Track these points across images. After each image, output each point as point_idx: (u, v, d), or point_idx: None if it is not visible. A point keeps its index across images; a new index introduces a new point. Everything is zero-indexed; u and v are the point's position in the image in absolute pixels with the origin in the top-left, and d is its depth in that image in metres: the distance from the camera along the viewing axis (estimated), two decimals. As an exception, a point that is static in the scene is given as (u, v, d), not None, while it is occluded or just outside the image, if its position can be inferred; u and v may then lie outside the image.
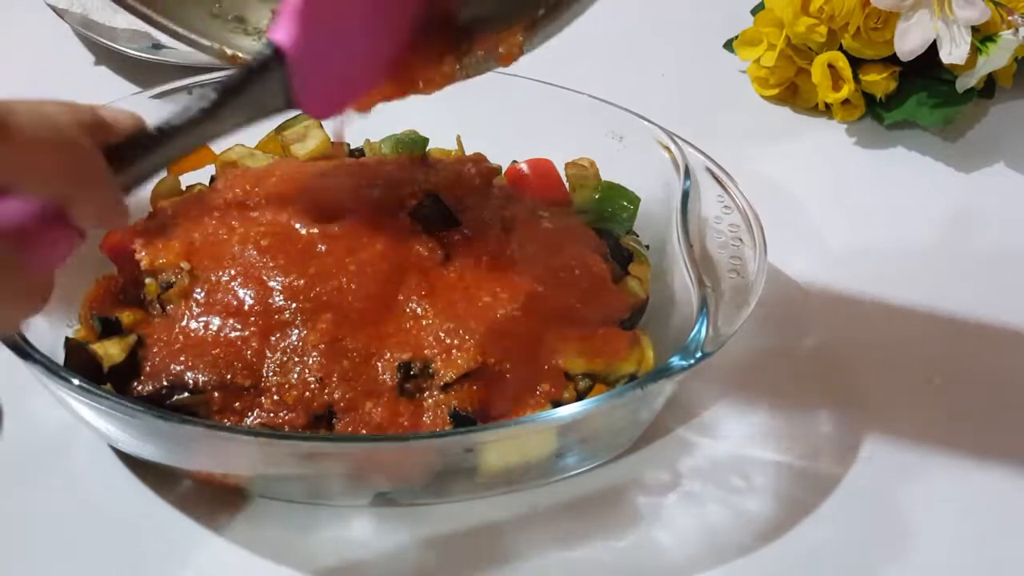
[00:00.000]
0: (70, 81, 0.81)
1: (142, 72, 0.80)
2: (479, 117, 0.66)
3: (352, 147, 0.67)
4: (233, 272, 0.56)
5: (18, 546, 0.54)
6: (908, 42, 0.72)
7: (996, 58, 0.73)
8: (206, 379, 0.53)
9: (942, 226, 0.72)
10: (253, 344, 0.54)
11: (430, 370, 0.53)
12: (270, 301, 0.55)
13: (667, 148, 0.62)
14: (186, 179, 0.64)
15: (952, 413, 0.61)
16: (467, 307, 0.55)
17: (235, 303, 0.55)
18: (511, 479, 0.55)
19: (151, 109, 0.64)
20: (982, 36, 0.73)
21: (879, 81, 0.76)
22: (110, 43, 0.79)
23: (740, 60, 0.81)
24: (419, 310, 0.55)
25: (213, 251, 0.57)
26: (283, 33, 0.43)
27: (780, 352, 0.63)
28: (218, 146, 0.64)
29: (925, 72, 0.75)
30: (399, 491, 0.55)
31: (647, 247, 0.62)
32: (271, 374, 0.53)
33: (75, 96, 0.79)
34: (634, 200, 0.63)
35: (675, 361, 0.51)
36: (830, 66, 0.76)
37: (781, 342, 0.64)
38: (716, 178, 0.60)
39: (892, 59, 0.75)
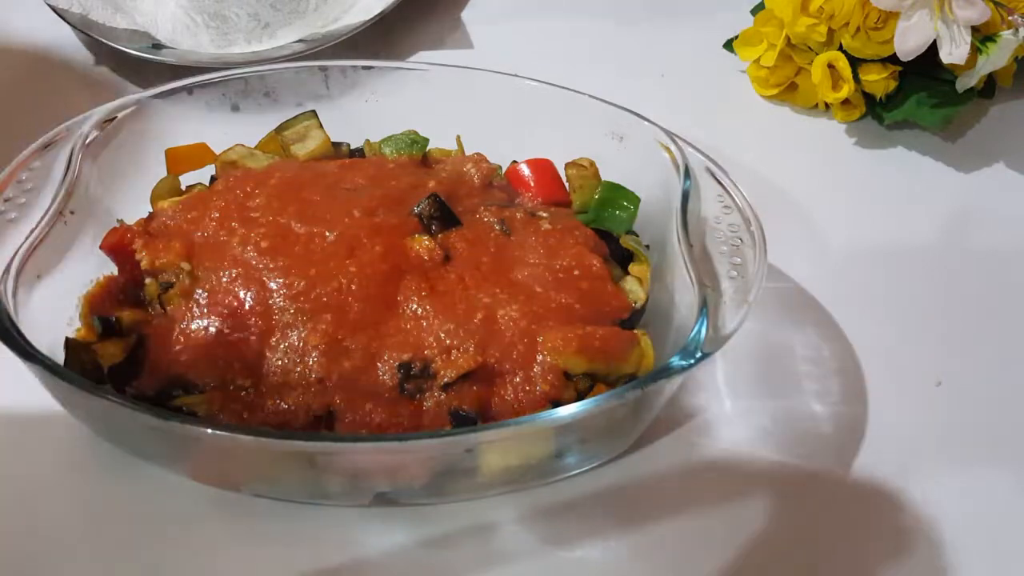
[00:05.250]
0: (70, 81, 0.81)
1: (142, 72, 0.80)
2: (479, 117, 0.66)
3: (352, 147, 0.67)
4: (233, 273, 0.56)
5: (18, 546, 0.54)
6: (908, 42, 0.72)
7: (996, 58, 0.73)
8: (206, 379, 0.53)
9: (942, 226, 0.72)
10: (253, 344, 0.54)
11: (430, 370, 0.53)
12: (270, 302, 0.55)
13: (667, 148, 0.62)
14: (186, 179, 0.64)
15: (951, 412, 0.61)
16: (467, 307, 0.55)
17: (235, 304, 0.55)
18: (511, 479, 0.55)
19: (151, 109, 0.64)
20: (982, 36, 0.73)
21: (879, 81, 0.76)
22: (110, 43, 0.79)
23: (740, 60, 0.81)
24: (419, 310, 0.55)
25: (213, 252, 0.57)
26: None
27: (780, 352, 0.63)
28: (218, 146, 0.65)
29: (925, 72, 0.75)
30: (399, 491, 0.55)
31: (647, 247, 0.62)
32: (271, 374, 0.53)
33: (75, 96, 0.79)
34: (634, 200, 0.63)
35: (675, 361, 0.51)
36: (830, 66, 0.76)
37: (781, 342, 0.64)
38: (716, 178, 0.60)
39: (892, 59, 0.75)
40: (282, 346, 0.54)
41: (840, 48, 0.76)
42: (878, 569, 0.54)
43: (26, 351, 0.50)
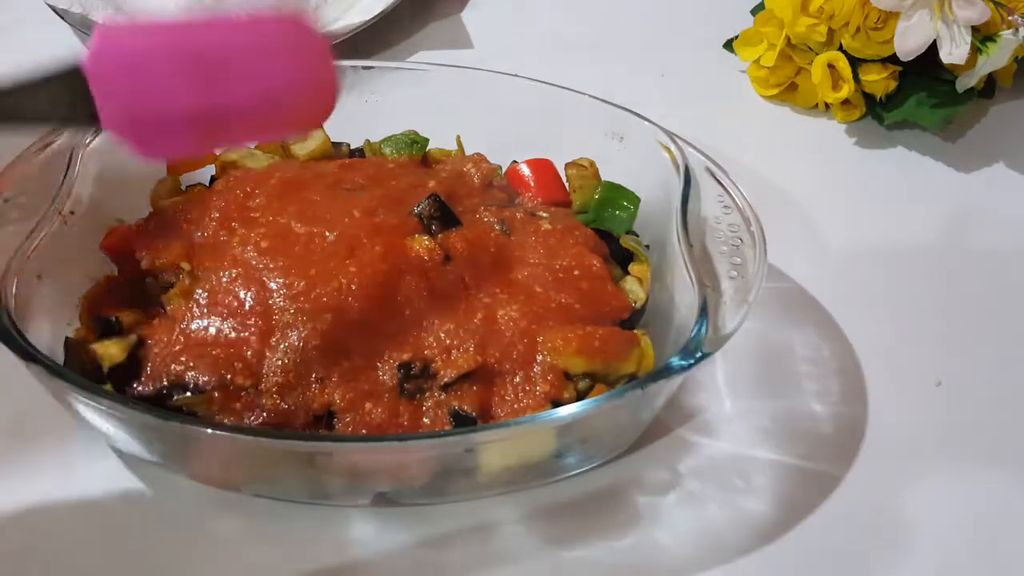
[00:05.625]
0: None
1: (142, 72, 0.79)
2: (479, 117, 0.66)
3: (352, 147, 0.67)
4: (233, 273, 0.56)
5: (18, 546, 0.54)
6: (908, 42, 0.72)
7: (996, 58, 0.73)
8: (206, 379, 0.53)
9: (942, 226, 0.72)
10: (253, 344, 0.54)
11: (430, 370, 0.53)
12: (270, 302, 0.55)
13: (667, 148, 0.62)
14: (186, 179, 0.64)
15: (951, 412, 0.61)
16: (467, 307, 0.55)
17: (235, 304, 0.55)
18: (511, 479, 0.55)
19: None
20: (982, 36, 0.73)
21: (879, 81, 0.76)
22: (110, 43, 0.79)
23: (740, 60, 0.81)
24: (419, 310, 0.55)
25: (213, 252, 0.57)
26: (90, 51, 0.45)
27: (780, 352, 0.63)
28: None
29: (925, 72, 0.75)
30: (399, 491, 0.55)
31: (647, 247, 0.62)
32: (271, 374, 0.53)
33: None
34: (634, 200, 0.63)
35: (675, 361, 0.51)
36: (830, 66, 0.76)
37: (781, 342, 0.64)
38: (716, 178, 0.60)
39: (892, 59, 0.75)
40: (282, 346, 0.54)
41: (840, 48, 0.76)
42: (878, 569, 0.54)
43: (26, 351, 0.50)
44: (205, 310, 0.55)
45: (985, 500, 0.57)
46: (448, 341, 0.54)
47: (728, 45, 0.82)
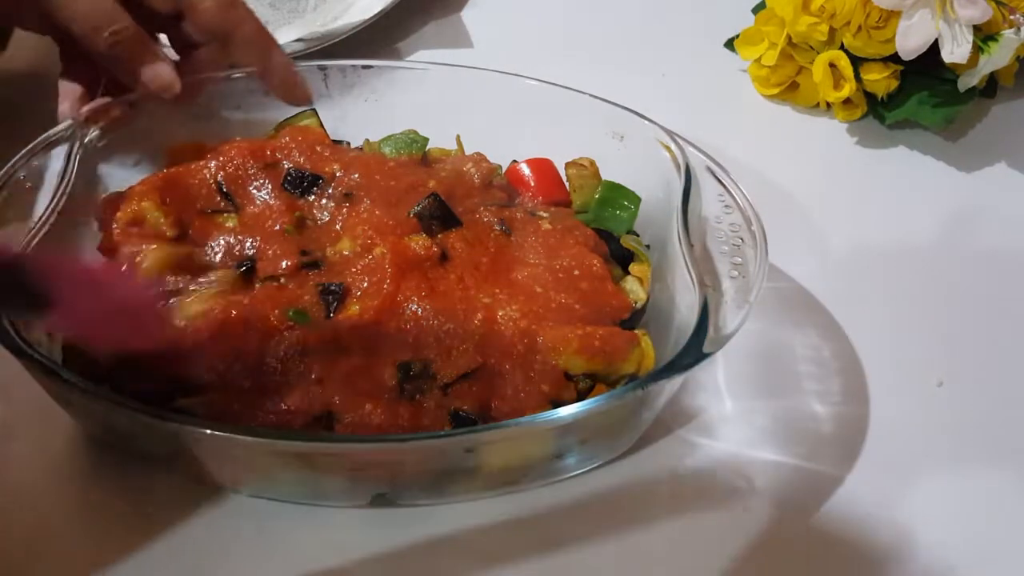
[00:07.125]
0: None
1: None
2: (479, 117, 0.66)
3: (352, 147, 0.67)
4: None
5: (18, 545, 0.54)
6: (909, 41, 0.72)
7: (998, 57, 0.73)
8: (206, 379, 0.53)
9: (943, 226, 0.72)
10: (253, 344, 0.54)
11: (430, 370, 0.53)
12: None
13: (667, 148, 0.62)
14: (186, 179, 0.64)
15: (951, 412, 0.61)
16: (467, 307, 0.55)
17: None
18: (511, 479, 0.55)
19: (151, 109, 0.64)
20: (984, 35, 0.73)
21: (880, 80, 0.76)
22: (110, 43, 0.79)
23: (741, 59, 0.81)
24: (419, 310, 0.55)
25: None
26: None
27: (780, 352, 0.63)
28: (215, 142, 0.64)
29: (926, 71, 0.75)
30: (399, 491, 0.55)
31: (647, 247, 0.62)
32: (271, 374, 0.53)
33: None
34: (634, 200, 0.63)
35: (675, 361, 0.51)
36: (831, 65, 0.76)
37: (781, 342, 0.64)
38: (717, 177, 0.60)
39: (893, 58, 0.75)
40: (282, 346, 0.54)
41: (841, 47, 0.76)
42: (878, 569, 0.54)
43: (25, 351, 0.50)
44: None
45: (985, 500, 0.57)
46: (448, 341, 0.54)
47: (729, 44, 0.82)
